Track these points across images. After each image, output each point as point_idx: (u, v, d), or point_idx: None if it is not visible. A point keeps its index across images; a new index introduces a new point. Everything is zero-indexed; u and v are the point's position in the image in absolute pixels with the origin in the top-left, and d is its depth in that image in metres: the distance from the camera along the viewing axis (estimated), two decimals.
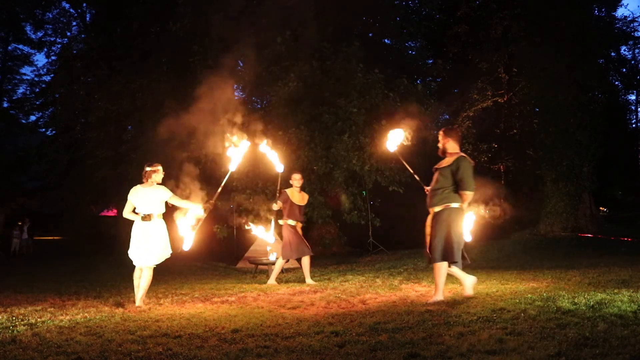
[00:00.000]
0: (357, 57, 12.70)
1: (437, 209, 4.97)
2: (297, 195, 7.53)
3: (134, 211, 5.34)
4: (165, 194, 5.33)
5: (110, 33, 17.19)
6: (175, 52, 14.27)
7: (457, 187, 4.89)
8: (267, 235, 8.05)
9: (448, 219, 4.88)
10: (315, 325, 3.91)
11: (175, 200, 5.40)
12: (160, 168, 5.48)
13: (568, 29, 13.72)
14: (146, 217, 5.26)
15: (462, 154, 4.98)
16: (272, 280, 7.43)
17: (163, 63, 15.24)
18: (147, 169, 5.40)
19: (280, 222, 7.55)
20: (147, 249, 5.22)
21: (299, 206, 7.53)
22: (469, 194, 4.86)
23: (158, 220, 5.33)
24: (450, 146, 5.09)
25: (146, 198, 5.29)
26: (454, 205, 4.89)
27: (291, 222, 7.41)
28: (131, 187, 5.41)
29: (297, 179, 7.59)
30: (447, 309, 4.34)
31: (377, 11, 14.80)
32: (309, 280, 7.36)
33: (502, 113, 20.21)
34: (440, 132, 5.19)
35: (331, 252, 13.94)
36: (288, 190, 7.52)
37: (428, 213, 5.18)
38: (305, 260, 7.46)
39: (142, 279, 5.26)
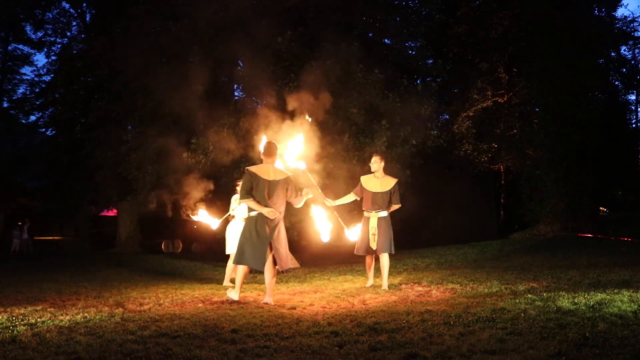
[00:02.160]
0: (357, 57, 12.68)
1: None
2: (372, 182, 6.42)
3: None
4: (235, 197, 7.24)
5: (110, 33, 17.18)
6: (175, 52, 14.26)
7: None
8: (351, 233, 6.68)
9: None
10: (314, 326, 3.90)
11: (235, 202, 7.24)
12: None
13: (568, 29, 13.73)
14: (230, 217, 7.19)
15: (248, 167, 5.46)
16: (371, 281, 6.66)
17: (163, 63, 15.22)
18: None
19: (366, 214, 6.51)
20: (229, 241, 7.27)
21: (374, 194, 6.34)
22: (242, 202, 5.54)
23: (237, 221, 7.18)
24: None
25: (232, 203, 7.33)
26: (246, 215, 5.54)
27: (365, 213, 6.45)
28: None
29: (372, 162, 6.50)
30: (447, 309, 4.33)
31: (377, 11, 14.79)
32: (384, 285, 6.27)
33: (502, 113, 20.23)
34: None
35: (331, 252, 13.93)
36: (363, 178, 6.53)
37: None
38: (382, 260, 6.33)
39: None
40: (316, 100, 9.75)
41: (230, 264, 7.24)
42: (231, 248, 7.17)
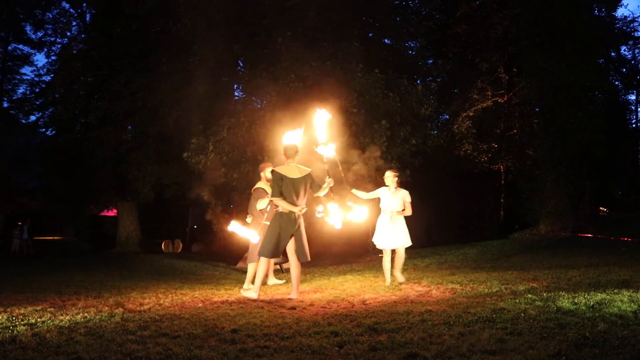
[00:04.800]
0: (357, 57, 12.67)
1: None
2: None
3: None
4: (407, 197, 6.70)
5: (110, 33, 17.20)
6: (175, 52, 14.28)
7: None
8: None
9: None
10: (314, 326, 3.90)
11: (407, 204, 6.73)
12: (392, 173, 6.84)
13: (568, 29, 13.71)
14: (393, 215, 6.59)
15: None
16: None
17: (163, 63, 15.24)
18: (397, 173, 6.93)
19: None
20: (393, 235, 6.59)
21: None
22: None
23: (400, 215, 6.65)
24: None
25: (392, 198, 6.66)
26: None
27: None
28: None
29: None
30: (447, 309, 4.33)
31: (377, 11, 14.79)
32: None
33: (502, 113, 20.23)
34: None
35: (331, 252, 13.94)
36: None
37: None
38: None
39: (396, 259, 6.66)
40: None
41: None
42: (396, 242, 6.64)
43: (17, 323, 4.23)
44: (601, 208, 24.61)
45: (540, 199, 14.61)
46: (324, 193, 5.85)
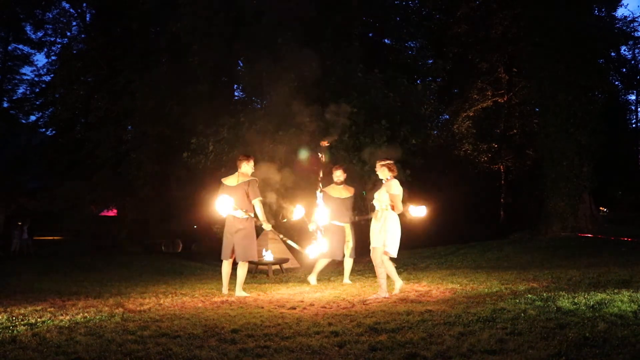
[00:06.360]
0: (357, 57, 12.67)
1: None
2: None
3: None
4: (393, 188, 5.71)
5: (110, 33, 17.21)
6: (176, 52, 14.29)
7: None
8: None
9: None
10: (314, 325, 3.90)
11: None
12: (378, 163, 5.93)
13: (568, 29, 13.70)
14: (375, 214, 5.81)
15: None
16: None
17: (163, 63, 15.26)
18: (384, 162, 5.87)
19: None
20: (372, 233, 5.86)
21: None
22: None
23: (387, 213, 5.71)
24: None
25: (378, 193, 5.82)
26: None
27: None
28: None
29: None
30: (447, 309, 4.33)
31: (377, 11, 14.81)
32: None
33: (502, 113, 20.25)
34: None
35: None
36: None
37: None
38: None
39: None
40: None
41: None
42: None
43: (17, 323, 4.23)
44: (601, 208, 24.58)
45: (540, 199, 14.61)
46: (258, 199, 6.08)
